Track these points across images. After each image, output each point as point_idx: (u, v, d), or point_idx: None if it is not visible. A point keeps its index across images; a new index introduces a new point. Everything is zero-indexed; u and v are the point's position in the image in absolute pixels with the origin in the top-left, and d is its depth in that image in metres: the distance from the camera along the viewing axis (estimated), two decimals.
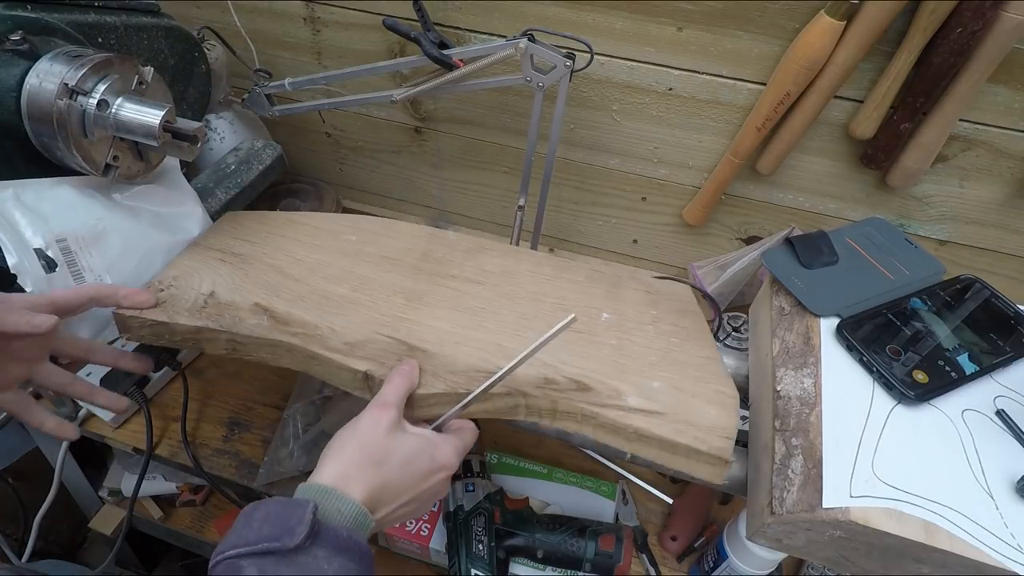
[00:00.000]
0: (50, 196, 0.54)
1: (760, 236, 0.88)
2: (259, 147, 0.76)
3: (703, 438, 0.48)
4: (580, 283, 0.65)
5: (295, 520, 0.36)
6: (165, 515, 1.05)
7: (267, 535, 0.36)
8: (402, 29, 0.70)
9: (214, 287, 0.56)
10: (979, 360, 0.50)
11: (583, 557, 0.66)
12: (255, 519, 0.38)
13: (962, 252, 0.80)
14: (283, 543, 0.35)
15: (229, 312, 0.54)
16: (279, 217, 0.69)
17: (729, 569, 0.64)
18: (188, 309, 0.54)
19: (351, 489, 0.40)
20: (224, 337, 0.53)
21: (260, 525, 0.37)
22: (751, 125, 0.73)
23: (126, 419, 0.84)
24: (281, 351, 0.53)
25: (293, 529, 0.36)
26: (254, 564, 0.35)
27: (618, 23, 0.72)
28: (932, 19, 0.60)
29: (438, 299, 0.60)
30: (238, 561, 0.36)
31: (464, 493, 0.69)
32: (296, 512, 0.37)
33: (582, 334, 0.57)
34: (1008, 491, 0.43)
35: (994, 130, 0.68)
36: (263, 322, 0.54)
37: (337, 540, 0.37)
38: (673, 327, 0.61)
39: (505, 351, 0.54)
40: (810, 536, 0.44)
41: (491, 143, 0.90)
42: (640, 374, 0.53)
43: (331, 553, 0.37)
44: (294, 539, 0.35)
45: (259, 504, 0.39)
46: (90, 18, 0.57)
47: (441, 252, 0.66)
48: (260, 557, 0.35)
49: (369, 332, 0.54)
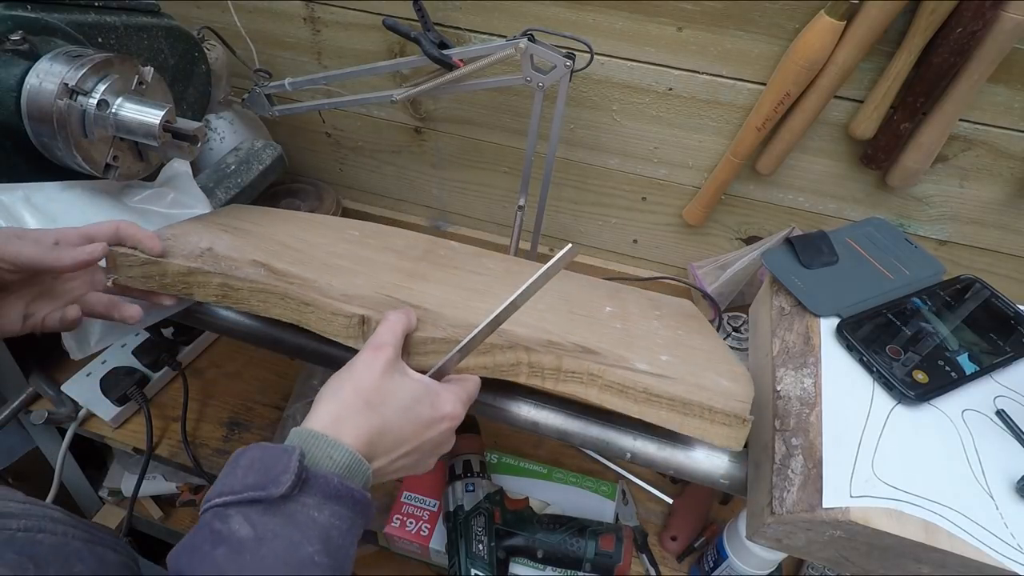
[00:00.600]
0: (60, 198, 0.55)
1: (760, 236, 0.88)
2: (259, 147, 0.76)
3: (718, 398, 0.45)
4: (583, 286, 0.66)
5: (280, 468, 0.35)
6: (165, 515, 1.05)
7: (252, 483, 0.35)
8: (402, 29, 0.70)
9: (212, 244, 0.54)
10: (979, 360, 0.50)
11: (583, 557, 0.66)
12: (240, 466, 0.36)
13: (962, 252, 0.80)
14: (268, 492, 0.34)
15: (225, 262, 0.52)
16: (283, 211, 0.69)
17: (729, 569, 0.64)
18: (184, 255, 0.51)
19: (343, 434, 0.38)
20: (216, 280, 0.51)
21: (245, 473, 0.35)
22: (751, 125, 0.73)
23: (126, 419, 0.84)
24: (274, 299, 0.51)
25: (278, 478, 0.34)
26: (240, 513, 0.34)
27: (618, 23, 0.72)
28: (932, 19, 0.60)
29: (438, 278, 0.58)
30: (225, 510, 0.34)
31: (464, 493, 0.69)
32: (282, 460, 0.35)
33: (586, 317, 0.55)
34: (1008, 491, 0.43)
35: (994, 130, 0.68)
36: (259, 272, 0.52)
37: (327, 487, 0.36)
38: (678, 323, 0.60)
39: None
40: (810, 536, 0.44)
41: (491, 143, 0.90)
42: (648, 350, 0.50)
43: (321, 501, 0.35)
44: (279, 488, 0.34)
45: (245, 450, 0.37)
46: (90, 18, 0.57)
47: (444, 251, 0.66)
48: (247, 506, 0.34)
49: (368, 292, 0.52)
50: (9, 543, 0.29)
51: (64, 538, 0.32)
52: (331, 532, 0.35)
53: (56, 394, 0.84)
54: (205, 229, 0.57)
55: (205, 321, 0.64)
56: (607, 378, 0.46)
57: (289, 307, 0.51)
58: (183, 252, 0.52)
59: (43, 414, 0.82)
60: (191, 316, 0.63)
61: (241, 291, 0.52)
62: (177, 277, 0.51)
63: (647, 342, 0.53)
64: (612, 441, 0.54)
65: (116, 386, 0.81)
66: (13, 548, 0.29)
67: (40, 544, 0.30)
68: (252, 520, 0.34)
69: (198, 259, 0.52)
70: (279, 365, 0.93)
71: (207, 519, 0.34)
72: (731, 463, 0.52)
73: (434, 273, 0.60)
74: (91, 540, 0.33)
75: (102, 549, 0.33)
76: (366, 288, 0.53)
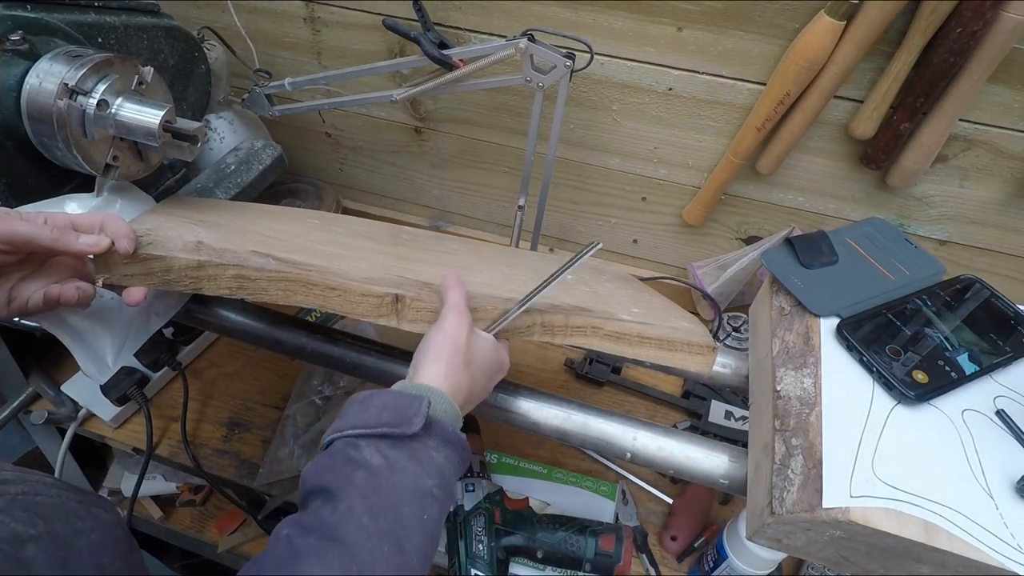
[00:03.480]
0: None
1: (760, 236, 0.88)
2: (259, 147, 0.76)
3: (692, 336, 0.57)
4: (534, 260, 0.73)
5: (412, 412, 0.40)
6: (165, 515, 1.05)
7: (386, 421, 0.40)
8: (402, 29, 0.70)
9: (200, 237, 0.51)
10: (979, 360, 0.50)
11: (583, 557, 0.66)
12: (373, 405, 0.41)
13: (962, 252, 0.80)
14: (402, 430, 0.39)
15: (230, 254, 0.49)
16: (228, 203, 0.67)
17: (729, 569, 0.64)
18: (182, 249, 0.48)
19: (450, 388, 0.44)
20: (231, 273, 0.49)
21: (379, 412, 0.40)
22: (751, 125, 0.73)
23: (126, 419, 0.84)
24: (296, 286, 0.50)
25: (411, 419, 0.40)
26: (372, 444, 0.39)
27: (618, 23, 0.72)
28: (932, 19, 0.60)
29: (425, 259, 0.62)
30: (356, 440, 0.39)
31: (464, 493, 0.69)
32: (413, 405, 0.40)
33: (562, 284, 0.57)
34: (1008, 491, 0.43)
35: (994, 130, 0.68)
36: (269, 262, 0.50)
37: (445, 433, 0.41)
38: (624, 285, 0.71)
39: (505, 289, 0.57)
40: (810, 536, 0.44)
41: (491, 143, 0.90)
42: (621, 305, 0.61)
43: (440, 443, 0.41)
44: (412, 428, 0.39)
45: (374, 393, 0.42)
46: (90, 18, 0.57)
47: (407, 235, 0.71)
48: (378, 439, 0.39)
49: (378, 272, 0.53)
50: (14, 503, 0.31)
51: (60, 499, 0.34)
52: (445, 470, 0.41)
53: (56, 394, 0.84)
54: (175, 223, 0.53)
55: (205, 321, 0.64)
56: (607, 328, 0.55)
57: (312, 293, 0.50)
58: (178, 247, 0.48)
59: (43, 414, 0.82)
60: (191, 316, 0.63)
61: (259, 281, 0.49)
62: (184, 272, 0.48)
63: (616, 299, 0.62)
64: (612, 441, 0.54)
65: (116, 386, 0.81)
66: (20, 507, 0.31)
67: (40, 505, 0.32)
68: (383, 451, 0.39)
69: (199, 252, 0.49)
70: (279, 365, 0.93)
71: (339, 447, 0.39)
72: (731, 463, 0.52)
73: (417, 255, 0.63)
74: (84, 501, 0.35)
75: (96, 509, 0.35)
76: (377, 270, 0.54)
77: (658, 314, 0.61)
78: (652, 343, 0.55)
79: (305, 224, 0.65)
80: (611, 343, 0.55)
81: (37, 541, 0.30)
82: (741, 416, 0.83)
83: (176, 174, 0.71)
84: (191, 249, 0.49)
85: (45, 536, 0.31)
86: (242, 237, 0.54)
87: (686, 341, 0.56)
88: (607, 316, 0.56)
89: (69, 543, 0.32)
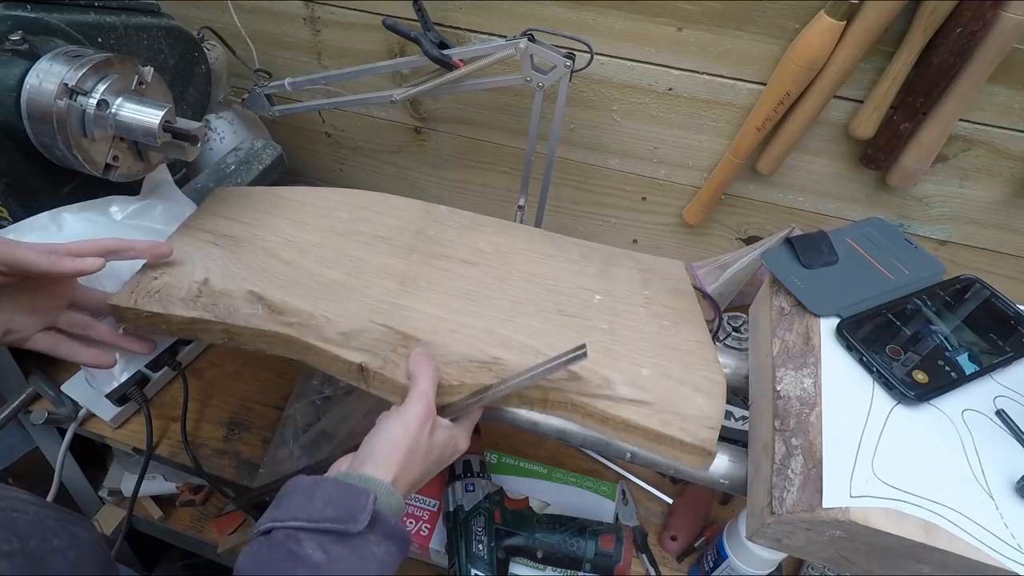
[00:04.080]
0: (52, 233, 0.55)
1: (760, 236, 0.88)
2: (259, 147, 0.76)
3: (689, 429, 0.49)
4: (574, 261, 0.65)
5: (358, 508, 0.39)
6: (165, 515, 1.05)
7: (331, 516, 0.39)
8: (402, 29, 0.70)
9: (207, 274, 0.56)
10: (979, 360, 0.50)
11: (583, 557, 0.66)
12: (317, 497, 0.40)
13: (962, 252, 0.80)
14: (347, 527, 0.39)
15: (224, 301, 0.54)
16: (266, 194, 0.68)
17: (729, 569, 0.64)
18: (183, 299, 0.54)
19: (399, 484, 0.44)
20: (219, 328, 0.53)
21: (324, 505, 0.40)
22: (751, 125, 0.73)
23: (126, 419, 0.84)
24: (277, 341, 0.53)
25: (357, 516, 0.39)
26: (314, 539, 0.38)
27: (618, 23, 0.72)
28: (932, 19, 0.60)
29: (431, 282, 0.60)
30: (298, 534, 0.39)
31: (464, 493, 0.69)
32: (360, 500, 0.40)
33: (574, 318, 0.57)
34: (1008, 491, 0.43)
35: (994, 130, 0.68)
36: (258, 311, 0.54)
37: (388, 527, 0.41)
38: (665, 308, 0.61)
39: (498, 338, 0.54)
40: (810, 536, 0.44)
41: (491, 143, 0.90)
42: (630, 361, 0.54)
43: (381, 538, 0.40)
44: (357, 525, 0.39)
45: (318, 481, 0.41)
46: (90, 18, 0.57)
47: (434, 230, 0.66)
48: (321, 535, 0.39)
49: (363, 321, 0.54)
50: None
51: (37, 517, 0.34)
52: (385, 565, 0.40)
53: (56, 394, 0.84)
54: (196, 249, 0.59)
55: None
56: (589, 409, 0.50)
57: (292, 349, 0.53)
58: (181, 295, 0.54)
59: (43, 414, 0.82)
60: None
61: (243, 336, 0.54)
62: (182, 325, 0.53)
63: (631, 348, 0.56)
64: (612, 441, 0.54)
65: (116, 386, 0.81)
66: None
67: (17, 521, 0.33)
68: (326, 547, 0.38)
69: (197, 301, 0.53)
70: (279, 365, 0.93)
71: (279, 539, 0.39)
72: (731, 463, 0.52)
73: (426, 274, 0.60)
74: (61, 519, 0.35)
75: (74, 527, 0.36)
76: (361, 315, 0.55)
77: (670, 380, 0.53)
78: (639, 433, 0.50)
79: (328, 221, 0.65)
80: (594, 423, 0.51)
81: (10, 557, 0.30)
82: (741, 416, 0.83)
83: (176, 174, 0.71)
84: (190, 300, 0.54)
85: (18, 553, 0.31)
86: (250, 264, 0.58)
87: (678, 440, 0.48)
88: (596, 390, 0.51)
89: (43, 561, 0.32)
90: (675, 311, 0.61)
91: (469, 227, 0.67)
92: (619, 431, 0.50)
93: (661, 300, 0.62)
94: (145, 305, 0.53)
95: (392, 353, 0.52)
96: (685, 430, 0.49)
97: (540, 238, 0.68)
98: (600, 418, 0.50)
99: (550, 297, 0.60)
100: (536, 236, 0.68)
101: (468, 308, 0.57)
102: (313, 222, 0.64)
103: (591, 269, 0.64)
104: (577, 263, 0.65)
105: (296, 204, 0.66)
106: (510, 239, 0.67)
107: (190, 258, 0.58)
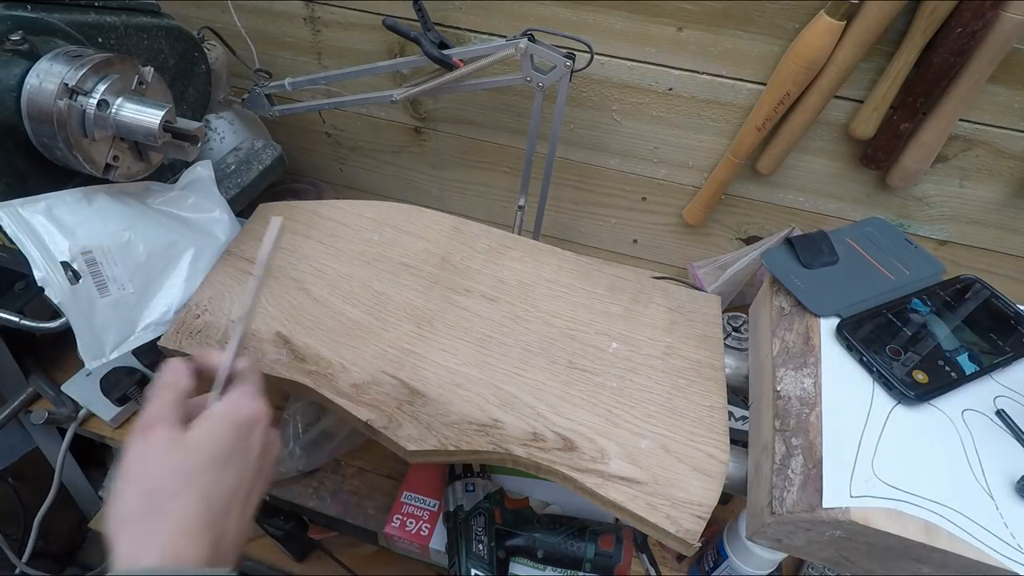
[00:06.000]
0: (82, 207, 0.56)
1: (760, 236, 0.88)
2: (259, 147, 0.76)
3: (675, 517, 0.48)
4: (599, 297, 0.64)
5: None
6: None
7: None
8: (402, 29, 0.70)
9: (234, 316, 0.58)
10: (979, 360, 0.50)
11: (583, 557, 0.66)
12: None
13: (962, 252, 0.80)
14: None
15: (252, 344, 0.57)
16: (305, 212, 0.70)
17: (729, 569, 0.64)
18: (218, 340, 0.57)
19: (180, 548, 0.32)
20: None
21: None
22: (751, 125, 0.73)
23: (126, 419, 0.84)
24: (299, 386, 0.56)
25: None
26: None
27: (618, 23, 0.72)
28: (932, 19, 0.60)
29: (447, 324, 0.61)
30: None
31: (464, 493, 0.69)
32: None
33: (584, 372, 0.58)
34: (1008, 491, 0.43)
35: (994, 130, 0.68)
36: (282, 357, 0.57)
37: None
38: (684, 362, 0.59)
39: (502, 396, 0.55)
40: (810, 536, 0.44)
41: (491, 143, 0.90)
42: (631, 429, 0.54)
43: None
44: None
45: None
46: (90, 18, 0.57)
47: (461, 256, 0.67)
48: None
49: (375, 371, 0.56)
50: None
51: None
52: None
53: (56, 394, 0.84)
54: (235, 281, 0.62)
55: None
56: (579, 484, 0.51)
57: (314, 395, 0.56)
58: (217, 336, 0.57)
59: (43, 414, 0.82)
60: None
61: (269, 379, 0.55)
62: None
63: (636, 412, 0.55)
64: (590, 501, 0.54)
65: (116, 386, 0.81)
66: None
67: None
68: None
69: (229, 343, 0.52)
70: None
71: None
72: (731, 463, 0.52)
73: (444, 314, 0.61)
74: None
75: None
76: (374, 365, 0.57)
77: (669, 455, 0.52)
78: (627, 514, 0.49)
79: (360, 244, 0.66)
80: (584, 494, 0.51)
81: None
82: (741, 416, 0.83)
83: (177, 174, 0.71)
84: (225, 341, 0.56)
85: None
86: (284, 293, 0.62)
87: (662, 528, 0.48)
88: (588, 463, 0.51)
89: None
90: (695, 365, 0.59)
91: (497, 250, 0.67)
92: (607, 507, 0.50)
93: (682, 351, 0.60)
94: (187, 348, 0.56)
95: (397, 411, 0.54)
96: (671, 518, 0.48)
97: (569, 266, 0.65)
98: (589, 493, 0.51)
99: (564, 344, 0.59)
100: (566, 263, 0.66)
101: (478, 357, 0.58)
102: (345, 247, 0.66)
103: (615, 308, 0.63)
104: (602, 299, 0.63)
105: (331, 225, 0.69)
106: (537, 267, 0.65)
107: (229, 292, 0.61)
